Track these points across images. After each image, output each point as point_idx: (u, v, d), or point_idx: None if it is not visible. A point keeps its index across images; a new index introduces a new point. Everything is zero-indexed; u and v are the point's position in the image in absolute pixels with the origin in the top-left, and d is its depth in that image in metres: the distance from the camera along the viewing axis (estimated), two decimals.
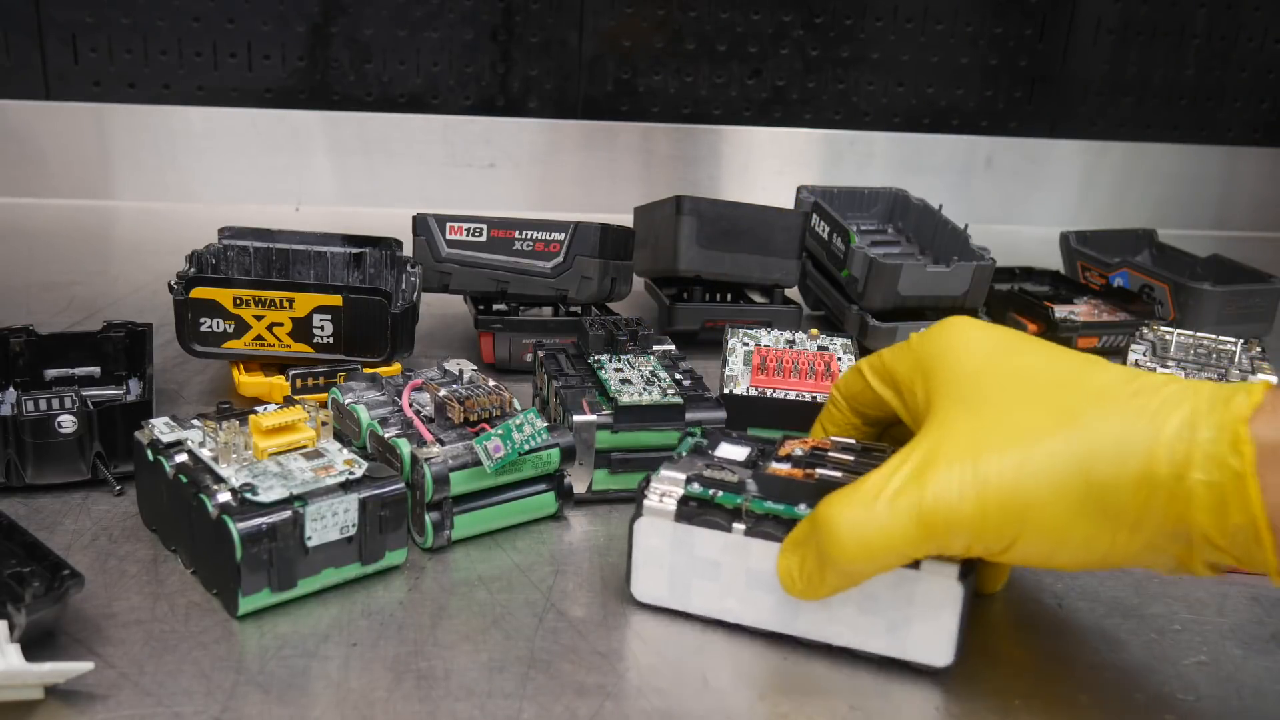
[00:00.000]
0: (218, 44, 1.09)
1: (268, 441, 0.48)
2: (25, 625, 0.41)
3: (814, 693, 0.44)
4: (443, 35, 1.12)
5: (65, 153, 1.08)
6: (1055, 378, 0.41)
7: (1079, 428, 0.39)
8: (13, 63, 1.06)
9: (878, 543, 0.40)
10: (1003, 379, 0.42)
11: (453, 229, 0.72)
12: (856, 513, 0.41)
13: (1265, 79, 1.25)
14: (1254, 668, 0.47)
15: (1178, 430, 0.38)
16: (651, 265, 0.81)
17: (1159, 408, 0.38)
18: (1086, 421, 0.39)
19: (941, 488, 0.40)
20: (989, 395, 0.41)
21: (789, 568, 0.44)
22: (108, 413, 0.54)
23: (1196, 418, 0.38)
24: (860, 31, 1.18)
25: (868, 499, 0.41)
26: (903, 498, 0.40)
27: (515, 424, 0.52)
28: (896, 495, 0.40)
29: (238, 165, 1.11)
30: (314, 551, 0.46)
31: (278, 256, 0.74)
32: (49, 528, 0.52)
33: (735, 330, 0.67)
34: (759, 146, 1.18)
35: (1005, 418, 0.40)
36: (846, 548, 0.41)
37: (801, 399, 0.58)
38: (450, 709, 0.42)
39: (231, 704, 0.41)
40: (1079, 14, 1.21)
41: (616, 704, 0.42)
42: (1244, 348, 0.70)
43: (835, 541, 0.41)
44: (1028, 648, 0.48)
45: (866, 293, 0.77)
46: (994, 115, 1.23)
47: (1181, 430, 0.38)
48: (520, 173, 1.15)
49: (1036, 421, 0.40)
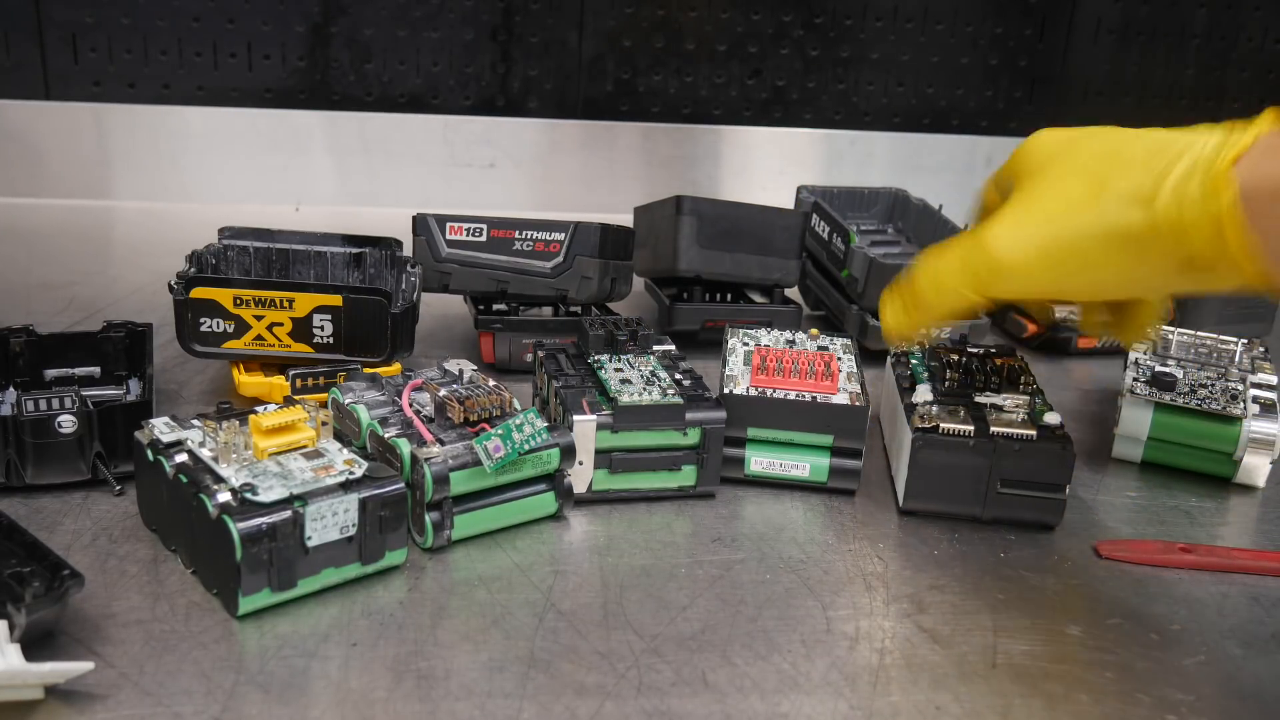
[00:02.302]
0: (218, 44, 1.09)
1: (268, 441, 0.48)
2: (25, 625, 0.41)
3: (814, 692, 0.44)
4: (443, 35, 1.12)
5: (65, 153, 1.08)
6: (1100, 152, 0.49)
7: (1108, 189, 0.47)
8: (13, 63, 1.06)
9: (947, 282, 0.51)
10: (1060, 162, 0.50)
11: (453, 229, 0.72)
12: (931, 260, 0.52)
13: (1265, 79, 1.25)
14: (1254, 668, 0.47)
15: (1176, 183, 0.45)
16: (651, 265, 0.81)
17: (1166, 165, 0.45)
18: (1113, 183, 0.47)
19: (995, 232, 0.49)
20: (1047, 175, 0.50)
21: (888, 311, 0.54)
22: (108, 413, 0.54)
23: (1193, 169, 0.44)
24: (860, 31, 1.18)
25: (943, 249, 0.51)
26: (966, 244, 0.50)
27: (515, 424, 0.52)
28: (962, 244, 0.51)
29: (238, 165, 1.11)
30: (314, 551, 0.46)
31: (278, 256, 0.74)
32: (49, 528, 0.52)
33: (735, 330, 0.67)
34: (759, 146, 1.18)
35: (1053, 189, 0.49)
36: (923, 286, 0.52)
37: (801, 399, 0.58)
38: (450, 709, 0.42)
39: (231, 704, 0.41)
40: (1079, 14, 1.21)
41: (616, 704, 0.42)
42: (1245, 348, 0.70)
43: (918, 282, 0.52)
44: (1028, 647, 0.48)
45: (866, 293, 0.77)
46: (994, 115, 1.23)
47: (1179, 183, 0.45)
48: (520, 173, 1.15)
49: (1077, 189, 0.48)
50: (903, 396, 0.60)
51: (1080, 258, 0.47)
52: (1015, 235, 0.49)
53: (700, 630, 0.47)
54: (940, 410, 0.58)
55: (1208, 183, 0.43)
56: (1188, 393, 0.64)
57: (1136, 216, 0.45)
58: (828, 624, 0.48)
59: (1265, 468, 0.63)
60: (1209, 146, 0.44)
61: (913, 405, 0.58)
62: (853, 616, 0.49)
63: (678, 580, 0.51)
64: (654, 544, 0.54)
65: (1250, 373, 0.67)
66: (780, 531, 0.56)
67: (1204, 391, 0.64)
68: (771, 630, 0.48)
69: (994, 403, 0.59)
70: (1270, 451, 0.62)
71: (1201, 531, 0.59)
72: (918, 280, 0.52)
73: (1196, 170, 0.44)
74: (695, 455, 0.57)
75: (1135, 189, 0.46)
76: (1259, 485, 0.64)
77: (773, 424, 0.59)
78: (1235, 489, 0.64)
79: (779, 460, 0.59)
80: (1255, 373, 0.67)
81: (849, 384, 0.60)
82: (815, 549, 0.55)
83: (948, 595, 0.51)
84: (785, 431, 0.59)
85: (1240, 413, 0.62)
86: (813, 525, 0.57)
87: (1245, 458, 0.62)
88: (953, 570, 0.53)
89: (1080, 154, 0.50)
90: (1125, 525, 0.59)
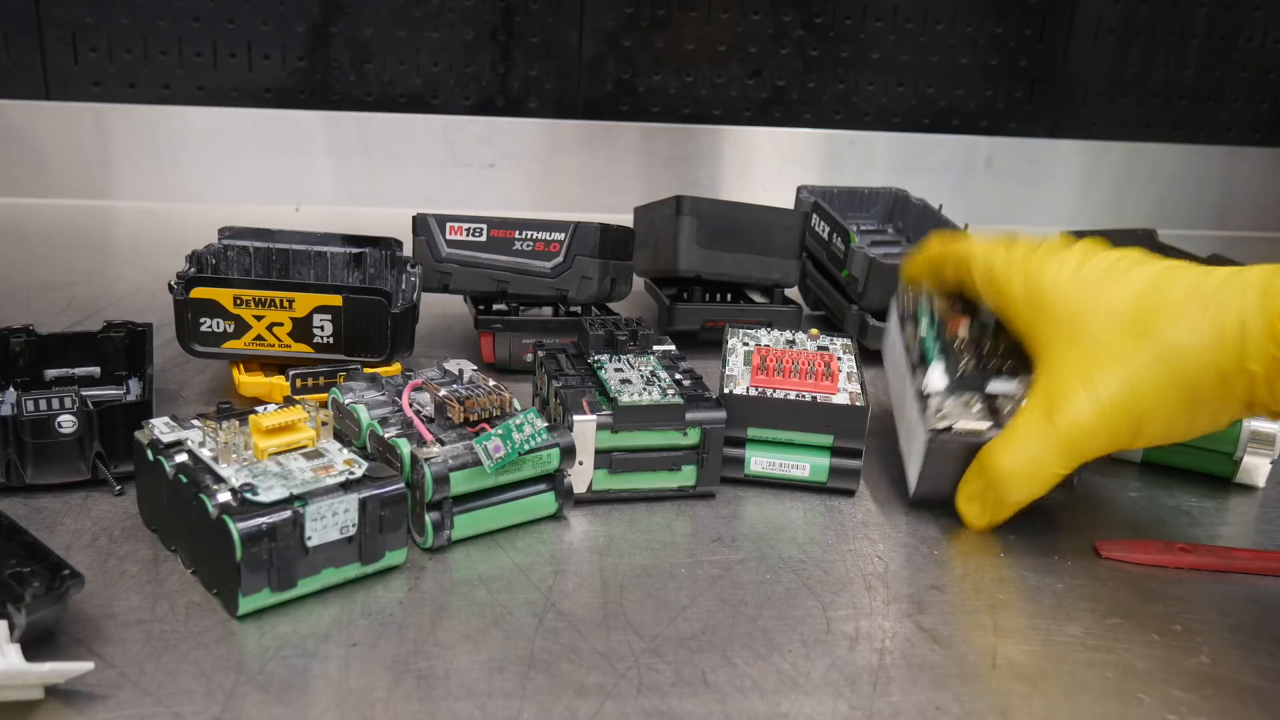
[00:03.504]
0: (218, 44, 1.09)
1: (268, 441, 0.48)
2: (25, 625, 0.41)
3: (814, 692, 0.44)
4: (443, 35, 1.12)
5: (65, 153, 1.08)
6: (1140, 303, 0.51)
7: (1165, 344, 0.50)
8: (13, 63, 1.06)
9: (1036, 473, 0.52)
10: (1098, 313, 0.52)
11: (453, 229, 0.72)
12: (1013, 458, 0.53)
13: (1265, 79, 1.25)
14: (1254, 668, 0.47)
15: (1235, 329, 0.48)
16: (651, 265, 0.81)
17: (1217, 313, 0.49)
18: (1169, 337, 0.50)
19: (1071, 416, 0.51)
20: (1088, 330, 0.52)
21: (971, 513, 0.56)
22: (108, 413, 0.54)
23: (1246, 314, 0.48)
24: (860, 31, 1.18)
25: (1018, 443, 0.53)
26: (1043, 433, 0.52)
27: (515, 424, 0.52)
28: (1039, 433, 0.52)
29: (238, 165, 1.11)
30: (314, 551, 0.46)
31: (278, 256, 0.74)
32: (49, 528, 0.52)
33: (735, 330, 0.67)
34: (759, 146, 1.18)
35: (1104, 347, 0.51)
36: (1014, 484, 0.53)
37: (801, 399, 0.58)
38: (450, 709, 0.42)
39: (231, 704, 0.41)
40: (1079, 14, 1.21)
41: (616, 704, 0.42)
42: None
43: (1005, 482, 0.53)
44: (1028, 647, 0.48)
45: (866, 293, 0.77)
46: (994, 115, 1.23)
47: (1238, 329, 0.48)
48: (520, 173, 1.15)
49: (1129, 345, 0.50)
50: (913, 375, 0.59)
51: (1161, 418, 0.50)
52: (1097, 408, 0.51)
53: (700, 630, 0.47)
54: (954, 403, 0.57)
55: (1264, 326, 0.47)
56: None
57: (1208, 377, 0.49)
58: (828, 624, 0.48)
59: (1265, 467, 0.63)
60: (1249, 290, 0.49)
61: (925, 395, 0.58)
62: (853, 616, 0.49)
63: (678, 580, 0.51)
64: (654, 544, 0.54)
65: None
66: (780, 531, 0.56)
67: None
68: (771, 630, 0.48)
69: (1007, 391, 0.58)
70: (1270, 451, 0.62)
71: (1201, 531, 0.59)
72: (1002, 478, 0.53)
73: (1250, 314, 0.48)
74: (695, 455, 0.57)
75: (1199, 339, 0.49)
76: (1259, 485, 0.64)
77: (773, 424, 0.59)
78: (1235, 489, 0.64)
79: (779, 460, 0.59)
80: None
81: (849, 384, 0.60)
82: (815, 549, 0.55)
83: (948, 595, 0.51)
84: (785, 431, 0.59)
85: None
86: (813, 525, 0.57)
87: (1245, 458, 0.63)
88: (953, 570, 0.53)
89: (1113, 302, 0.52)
90: (1125, 525, 0.59)
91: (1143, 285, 0.52)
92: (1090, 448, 0.52)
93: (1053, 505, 0.60)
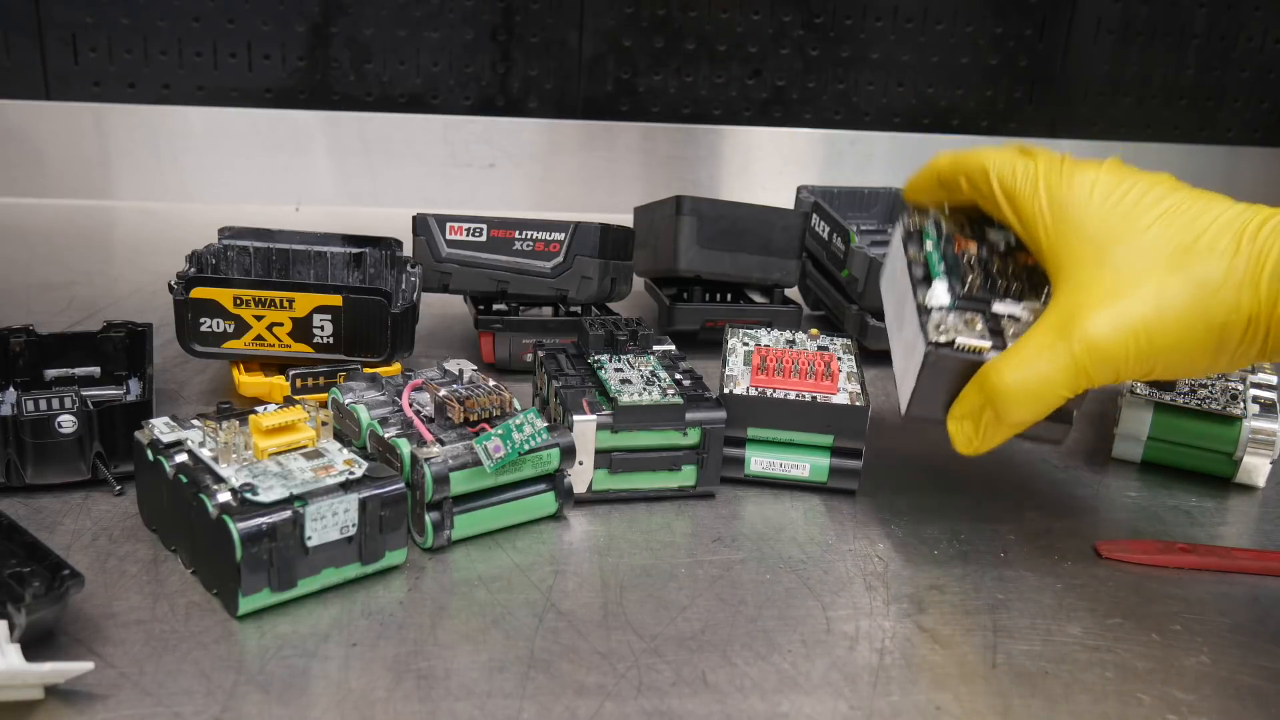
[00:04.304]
0: (218, 44, 1.09)
1: (268, 441, 0.48)
2: (25, 625, 0.41)
3: (814, 692, 0.44)
4: (443, 35, 1.12)
5: (65, 153, 1.08)
6: (1179, 235, 0.49)
7: (1196, 280, 0.48)
8: (13, 63, 1.06)
9: (1041, 391, 0.49)
10: (1132, 238, 0.50)
11: (453, 229, 0.72)
12: (1018, 374, 0.49)
13: (1265, 79, 1.25)
14: (1254, 668, 0.47)
15: (1272, 273, 0.47)
16: (651, 265, 0.81)
17: (1257, 255, 0.47)
18: (1205, 273, 0.48)
19: (1090, 337, 0.48)
20: (1120, 254, 0.49)
21: (962, 431, 0.52)
22: (108, 413, 0.54)
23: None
24: (860, 31, 1.18)
25: (1027, 359, 0.49)
26: (1056, 351, 0.49)
27: (515, 424, 0.52)
28: (1051, 351, 0.49)
29: (238, 165, 1.11)
30: (314, 551, 0.46)
31: (278, 256, 0.74)
32: (49, 528, 0.52)
33: (735, 330, 0.67)
34: (759, 146, 1.18)
35: (1138, 273, 0.49)
36: (1016, 402, 0.49)
37: (801, 399, 0.58)
38: (450, 709, 0.42)
39: (231, 704, 0.41)
40: (1079, 14, 1.21)
41: (616, 704, 0.42)
42: None
43: (1006, 399, 0.49)
44: (1028, 647, 0.48)
45: (866, 293, 0.77)
46: (994, 115, 1.23)
47: (1276, 273, 0.47)
48: (520, 173, 1.15)
49: (1163, 275, 0.48)
50: (915, 289, 0.56)
51: (1182, 353, 0.48)
52: (1118, 330, 0.48)
53: (700, 630, 0.47)
54: (956, 319, 0.54)
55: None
56: (1188, 392, 0.64)
57: (1239, 319, 0.47)
58: (828, 624, 0.48)
59: (1265, 467, 0.63)
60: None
61: (928, 309, 0.55)
62: (853, 616, 0.49)
63: (678, 580, 0.51)
64: (654, 544, 0.54)
65: (1250, 372, 0.67)
66: (780, 531, 0.56)
67: (1204, 391, 0.65)
68: (771, 630, 0.48)
69: (1013, 313, 0.54)
70: (1270, 451, 0.62)
71: (1201, 531, 0.59)
72: (1004, 394, 0.50)
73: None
74: (695, 455, 0.57)
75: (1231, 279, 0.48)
76: (1259, 485, 0.64)
77: (773, 424, 0.59)
78: (1235, 489, 0.64)
79: (779, 460, 0.59)
80: (1255, 372, 0.67)
81: (849, 384, 0.60)
82: (815, 549, 0.55)
83: (948, 595, 0.51)
84: (785, 431, 0.59)
85: (1240, 412, 0.62)
86: (813, 525, 0.57)
87: (1245, 457, 0.63)
88: (953, 570, 0.53)
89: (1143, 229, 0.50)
90: (1125, 525, 0.59)
91: (1183, 218, 0.50)
92: (1102, 372, 0.49)
93: (1052, 499, 0.60)
